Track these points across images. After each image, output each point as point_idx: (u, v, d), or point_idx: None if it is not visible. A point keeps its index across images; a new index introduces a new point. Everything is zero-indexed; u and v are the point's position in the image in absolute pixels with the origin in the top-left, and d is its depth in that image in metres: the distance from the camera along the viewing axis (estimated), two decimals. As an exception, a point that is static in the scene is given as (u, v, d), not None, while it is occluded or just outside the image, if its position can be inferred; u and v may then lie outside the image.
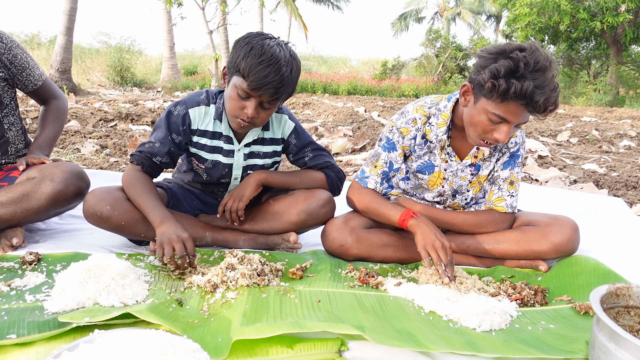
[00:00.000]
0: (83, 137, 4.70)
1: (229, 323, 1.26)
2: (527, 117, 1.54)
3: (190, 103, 1.81)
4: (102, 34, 20.47)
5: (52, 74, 11.36)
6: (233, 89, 1.64)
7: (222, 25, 13.85)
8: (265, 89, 1.58)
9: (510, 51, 1.48)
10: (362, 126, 6.42)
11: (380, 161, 1.84)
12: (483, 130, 1.60)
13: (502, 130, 1.56)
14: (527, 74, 1.45)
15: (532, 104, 1.47)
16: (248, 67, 1.56)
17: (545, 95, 1.45)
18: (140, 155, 1.81)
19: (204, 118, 1.82)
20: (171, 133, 1.79)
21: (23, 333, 1.15)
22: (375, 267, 1.78)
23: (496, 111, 1.53)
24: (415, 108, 1.80)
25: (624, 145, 5.85)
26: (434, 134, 1.79)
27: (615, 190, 3.41)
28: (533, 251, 1.77)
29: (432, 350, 1.16)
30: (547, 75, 1.46)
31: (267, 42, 1.60)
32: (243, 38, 1.64)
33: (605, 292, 1.20)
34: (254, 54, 1.57)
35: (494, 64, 1.49)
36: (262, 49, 1.57)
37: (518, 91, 1.45)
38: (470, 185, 1.87)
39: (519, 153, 1.81)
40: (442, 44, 20.36)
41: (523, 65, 1.44)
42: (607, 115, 10.97)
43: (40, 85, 2.07)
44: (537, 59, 1.45)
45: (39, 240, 1.93)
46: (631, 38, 15.47)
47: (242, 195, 1.84)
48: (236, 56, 1.61)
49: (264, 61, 1.56)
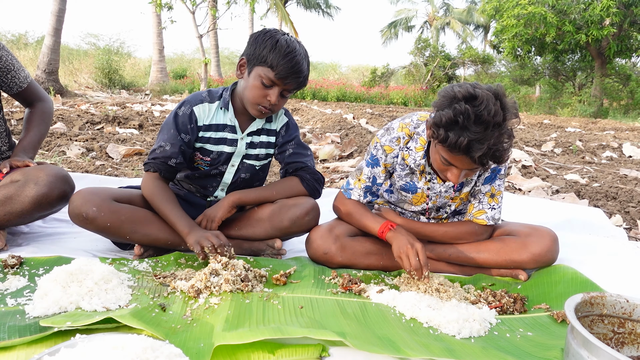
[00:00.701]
0: (69, 139, 4.66)
1: (212, 328, 1.27)
2: (473, 165, 1.51)
3: (193, 101, 1.89)
4: (91, 36, 20.29)
5: (39, 75, 11.24)
6: (257, 79, 1.75)
7: (212, 30, 13.86)
8: (291, 78, 1.74)
9: (457, 100, 1.45)
10: (350, 133, 6.46)
11: (364, 176, 1.87)
12: (439, 169, 1.63)
13: (453, 172, 1.57)
14: (468, 127, 1.41)
15: (470, 157, 1.45)
16: (276, 59, 1.70)
17: (482, 151, 1.42)
18: (155, 162, 1.83)
19: (209, 113, 1.89)
20: (180, 133, 1.84)
21: (3, 337, 1.14)
22: (359, 274, 1.80)
23: (444, 155, 1.54)
24: (400, 125, 1.80)
25: (606, 156, 5.96)
26: (412, 158, 1.81)
27: (595, 201, 3.48)
28: (513, 261, 1.80)
29: (411, 356, 1.18)
30: (490, 131, 1.41)
31: (287, 37, 1.77)
32: (264, 33, 1.78)
33: (580, 300, 1.23)
34: (280, 47, 1.71)
35: (441, 110, 1.48)
36: (287, 43, 1.73)
37: (453, 143, 1.44)
38: (452, 201, 1.90)
39: (500, 167, 1.81)
40: (431, 52, 20.57)
41: (463, 118, 1.41)
42: (591, 126, 11.17)
43: (25, 88, 2.06)
44: (479, 113, 1.40)
45: (22, 243, 1.91)
46: (615, 51, 15.82)
47: (214, 217, 1.86)
48: (260, 48, 1.74)
49: (290, 53, 1.71)
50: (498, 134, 1.43)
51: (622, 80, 17.97)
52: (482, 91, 1.45)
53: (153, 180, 1.84)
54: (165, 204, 1.79)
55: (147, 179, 1.85)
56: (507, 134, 1.46)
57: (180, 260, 1.80)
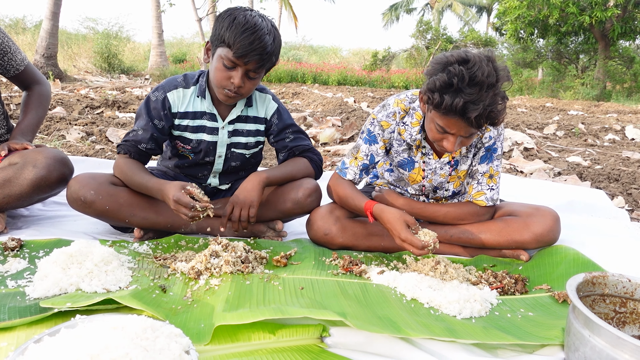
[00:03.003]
0: (68, 123, 4.64)
1: (212, 309, 1.27)
2: (472, 130, 1.52)
3: (167, 87, 1.83)
4: (89, 20, 20.05)
5: (38, 60, 11.16)
6: (219, 60, 1.67)
7: (212, 13, 13.69)
8: (250, 56, 1.63)
9: (450, 64, 1.46)
10: (351, 116, 6.42)
11: (361, 153, 1.85)
12: (434, 138, 1.61)
13: (449, 140, 1.56)
14: (462, 89, 1.42)
15: (465, 119, 1.45)
16: (233, 36, 1.60)
17: (478, 112, 1.42)
18: (126, 144, 1.82)
19: (183, 100, 1.84)
20: (152, 119, 1.80)
21: (4, 318, 1.14)
22: (360, 255, 1.79)
23: (439, 122, 1.53)
24: (396, 101, 1.80)
25: (609, 139, 5.92)
26: (408, 133, 1.80)
27: (597, 183, 3.46)
28: (515, 241, 1.79)
29: (412, 336, 1.18)
30: (484, 91, 1.42)
31: (248, 13, 1.66)
32: (225, 11, 1.69)
33: (582, 280, 1.23)
34: (237, 24, 1.61)
35: (434, 76, 1.49)
36: (245, 19, 1.62)
37: (448, 106, 1.44)
38: (450, 179, 1.88)
39: (496, 146, 1.79)
40: (433, 35, 20.36)
41: (457, 80, 1.42)
42: (594, 109, 11.10)
43: (23, 70, 2.04)
44: (474, 74, 1.41)
45: (22, 226, 1.91)
46: (619, 33, 15.61)
47: (251, 202, 1.76)
48: (219, 28, 1.65)
49: (248, 29, 1.61)
50: (492, 94, 1.44)
51: (626, 62, 17.78)
52: (473, 54, 1.47)
53: (123, 159, 1.81)
54: (135, 174, 1.75)
55: (117, 159, 1.83)
56: (501, 95, 1.47)
57: (181, 242, 1.80)
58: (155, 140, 1.82)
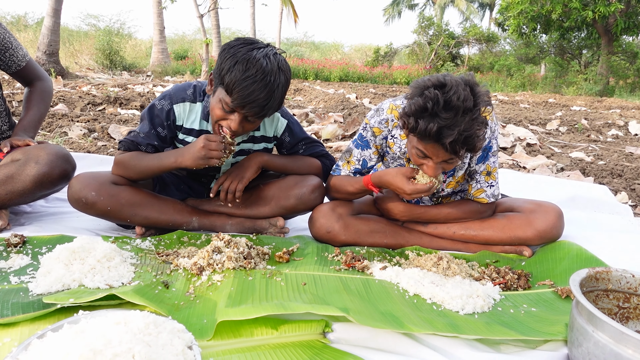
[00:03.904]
0: (70, 120, 4.64)
1: (215, 305, 1.27)
2: (446, 154, 1.48)
3: (175, 98, 1.76)
4: (91, 17, 20.08)
5: (40, 57, 11.16)
6: (218, 102, 1.58)
7: (213, 9, 13.67)
8: (250, 106, 1.53)
9: (426, 88, 1.43)
10: (353, 113, 6.41)
11: (353, 158, 1.85)
12: (415, 162, 1.60)
13: (428, 165, 1.54)
14: (438, 113, 1.39)
15: (441, 144, 1.42)
16: (232, 83, 1.50)
17: (453, 137, 1.39)
18: (127, 142, 1.80)
19: (189, 115, 1.78)
20: (155, 127, 1.77)
21: (7, 314, 1.15)
22: (362, 251, 1.79)
23: (418, 146, 1.51)
24: (390, 107, 1.77)
25: (612, 134, 5.90)
26: (397, 146, 1.79)
27: (601, 178, 3.45)
28: (517, 237, 1.79)
29: (415, 331, 1.18)
30: (460, 117, 1.38)
31: (253, 53, 1.52)
32: (229, 47, 1.56)
33: (585, 275, 1.22)
34: (239, 69, 1.49)
35: (411, 100, 1.46)
36: (247, 64, 1.49)
37: (422, 130, 1.41)
38: (447, 186, 1.86)
39: (491, 145, 1.76)
40: (435, 31, 20.32)
41: (432, 104, 1.39)
42: (597, 104, 11.06)
43: (24, 66, 2.04)
44: (449, 98, 1.38)
45: (25, 223, 1.91)
46: (622, 28, 15.53)
47: (242, 176, 1.79)
48: (221, 67, 1.54)
49: (249, 77, 1.49)
50: (469, 120, 1.39)
51: (629, 58, 17.70)
52: (451, 79, 1.44)
53: (123, 154, 1.78)
54: (141, 160, 1.73)
55: (117, 156, 1.79)
56: (479, 120, 1.43)
57: (183, 238, 1.80)
58: (154, 147, 1.79)
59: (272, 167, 1.89)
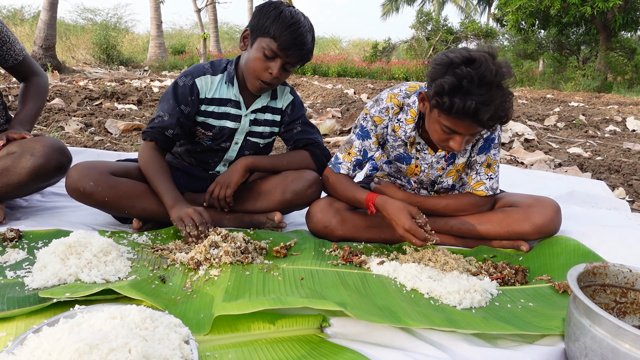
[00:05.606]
0: (67, 115, 4.62)
1: (212, 299, 1.27)
2: (479, 128, 1.50)
3: (196, 73, 1.86)
4: (87, 11, 20.01)
5: (36, 51, 11.10)
6: (259, 50, 1.72)
7: (211, 4, 13.62)
8: (293, 49, 1.71)
9: (456, 65, 1.42)
10: (351, 108, 6.40)
11: (354, 149, 1.84)
12: (439, 139, 1.59)
13: (456, 140, 1.54)
14: (472, 90, 1.39)
15: (477, 120, 1.43)
16: (279, 29, 1.68)
17: (490, 113, 1.40)
18: (152, 131, 1.82)
19: (211, 86, 1.87)
20: (179, 104, 1.82)
21: (3, 308, 1.14)
22: (360, 246, 1.79)
23: (446, 123, 1.51)
24: (389, 96, 1.78)
25: (610, 130, 5.91)
26: (402, 130, 1.78)
27: (598, 174, 3.45)
28: (515, 232, 1.79)
29: (412, 326, 1.18)
30: (494, 91, 1.40)
31: (293, 9, 1.74)
32: (268, 4, 1.75)
33: (583, 270, 1.22)
34: (284, 18, 1.69)
35: (440, 78, 1.45)
36: (291, 15, 1.71)
37: (460, 109, 1.41)
38: (447, 174, 1.87)
39: (494, 136, 1.78)
40: (433, 26, 20.24)
41: (467, 82, 1.39)
42: (595, 100, 11.06)
43: (21, 61, 2.03)
44: (482, 75, 1.38)
45: (20, 217, 1.90)
46: (621, 24, 15.50)
47: (229, 182, 1.84)
48: (264, 19, 1.71)
49: (294, 24, 1.69)
50: (502, 94, 1.42)
51: (627, 54, 17.67)
52: (477, 53, 1.43)
53: (149, 150, 1.82)
54: (157, 175, 1.77)
55: (143, 148, 1.84)
56: (508, 91, 1.45)
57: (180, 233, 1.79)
58: (181, 126, 1.84)
59: (260, 167, 1.92)
